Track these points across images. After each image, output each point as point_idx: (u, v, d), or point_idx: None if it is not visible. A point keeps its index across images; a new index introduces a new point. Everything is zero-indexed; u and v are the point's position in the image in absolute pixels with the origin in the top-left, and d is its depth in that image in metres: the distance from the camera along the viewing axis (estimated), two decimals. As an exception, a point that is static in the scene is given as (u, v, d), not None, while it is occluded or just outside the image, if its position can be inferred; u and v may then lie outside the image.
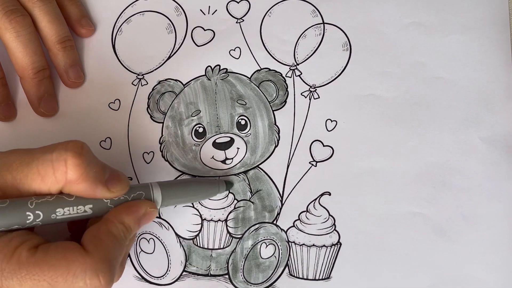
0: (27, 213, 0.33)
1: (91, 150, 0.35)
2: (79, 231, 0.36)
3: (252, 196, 0.42)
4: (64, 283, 0.32)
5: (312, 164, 0.43)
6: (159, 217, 0.42)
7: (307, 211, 0.42)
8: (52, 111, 0.44)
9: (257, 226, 0.42)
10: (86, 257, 0.32)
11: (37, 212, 0.33)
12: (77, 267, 0.32)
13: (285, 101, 0.44)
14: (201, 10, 0.47)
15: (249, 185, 0.42)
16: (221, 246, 0.42)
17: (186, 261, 0.41)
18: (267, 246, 0.41)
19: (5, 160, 0.34)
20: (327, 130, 0.43)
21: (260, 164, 0.43)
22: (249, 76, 0.45)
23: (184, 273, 0.41)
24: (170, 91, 0.45)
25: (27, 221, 0.33)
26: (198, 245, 0.42)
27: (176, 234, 0.42)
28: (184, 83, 0.45)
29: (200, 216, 0.42)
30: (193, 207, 0.42)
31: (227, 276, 0.41)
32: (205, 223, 0.42)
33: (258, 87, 0.45)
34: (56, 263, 0.32)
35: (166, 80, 0.45)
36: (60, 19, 0.45)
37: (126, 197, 0.36)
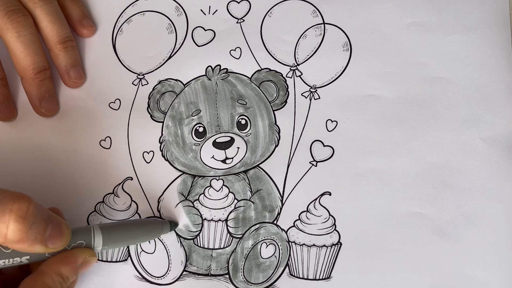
0: None
1: (39, 205, 0.34)
2: (28, 268, 0.37)
3: (252, 195, 0.42)
4: None
5: (313, 164, 0.43)
6: (160, 217, 0.42)
7: (307, 211, 0.42)
8: (53, 111, 0.44)
9: (257, 226, 0.42)
10: None
11: None
12: None
13: (286, 101, 0.44)
14: (201, 10, 0.47)
15: (249, 184, 0.42)
16: (222, 246, 0.42)
17: (186, 261, 0.41)
18: (267, 246, 0.41)
19: None
20: (328, 130, 0.43)
21: (260, 163, 0.43)
22: (250, 76, 0.45)
23: (185, 273, 0.41)
24: (171, 91, 0.45)
25: None
26: (199, 245, 0.42)
27: (176, 234, 0.42)
28: (184, 83, 0.45)
29: (201, 216, 0.42)
30: (193, 207, 0.42)
31: (227, 276, 0.41)
32: (205, 223, 0.42)
33: (259, 87, 0.45)
34: None
35: (166, 80, 0.45)
36: (61, 19, 0.45)
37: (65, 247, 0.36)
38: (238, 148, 0.43)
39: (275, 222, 0.42)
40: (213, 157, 0.43)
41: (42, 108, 0.44)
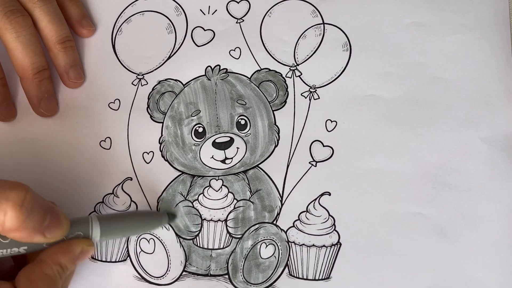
0: None
1: (37, 195, 0.34)
2: (23, 260, 0.37)
3: (252, 196, 0.42)
4: None
5: (312, 164, 0.43)
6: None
7: (307, 211, 0.42)
8: (52, 111, 0.44)
9: (257, 226, 0.42)
10: None
11: None
12: None
13: (285, 101, 0.44)
14: (201, 10, 0.47)
15: (248, 184, 0.42)
16: (221, 246, 0.42)
17: (186, 261, 0.41)
18: (267, 246, 0.41)
19: None
20: (327, 130, 0.43)
21: (260, 163, 0.43)
22: (249, 76, 0.45)
23: (184, 273, 0.41)
24: (170, 91, 0.45)
25: None
26: (198, 245, 0.42)
27: (176, 234, 0.42)
28: (184, 83, 0.45)
29: (200, 216, 0.42)
30: (193, 207, 0.42)
31: (227, 276, 0.41)
32: (205, 223, 0.42)
33: (258, 87, 0.45)
34: None
35: (166, 80, 0.45)
36: (61, 19, 0.45)
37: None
38: (237, 148, 0.43)
39: (274, 222, 0.42)
40: (212, 157, 0.43)
41: (41, 108, 0.44)
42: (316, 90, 0.44)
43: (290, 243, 0.41)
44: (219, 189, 0.42)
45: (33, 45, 0.43)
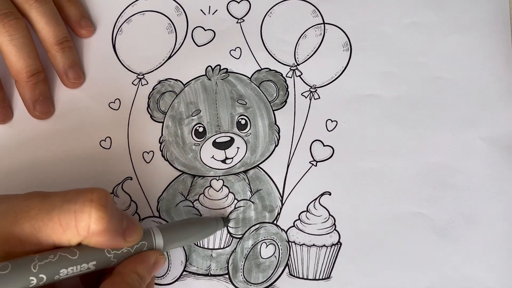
0: (30, 278, 0.31)
1: (112, 198, 0.34)
2: (92, 283, 0.36)
3: (252, 195, 0.42)
4: None
5: (312, 164, 0.43)
6: (159, 217, 0.42)
7: (307, 211, 0.42)
8: (47, 113, 0.44)
9: (257, 226, 0.42)
10: None
11: (40, 275, 0.32)
12: None
13: (286, 101, 0.44)
14: (201, 10, 0.47)
15: (249, 184, 0.42)
16: (221, 246, 0.42)
17: (186, 261, 0.41)
18: (267, 246, 0.41)
19: (23, 205, 0.33)
20: (328, 130, 0.43)
21: (260, 163, 0.43)
22: (250, 76, 0.45)
23: (184, 273, 0.41)
24: (170, 91, 0.45)
25: (30, 286, 0.31)
26: (198, 245, 0.42)
27: (176, 234, 0.42)
28: (184, 83, 0.45)
29: (200, 216, 0.42)
30: (193, 207, 0.42)
31: (227, 276, 0.41)
32: (205, 223, 0.42)
33: (259, 87, 0.45)
34: None
35: (166, 80, 0.45)
36: (58, 20, 0.45)
37: (129, 249, 0.35)
38: (238, 148, 0.43)
39: (275, 222, 0.42)
40: (213, 157, 0.43)
41: (36, 111, 0.44)
42: (316, 90, 0.44)
43: (290, 243, 0.41)
44: (220, 189, 0.42)
45: (27, 48, 0.43)
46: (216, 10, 0.47)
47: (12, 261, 0.31)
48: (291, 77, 0.45)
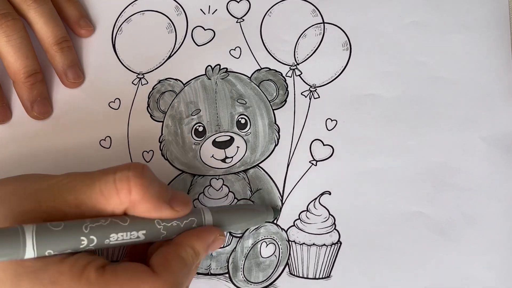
0: (81, 237, 0.32)
1: (152, 171, 0.35)
2: (136, 255, 0.36)
3: (252, 195, 0.42)
4: None
5: (312, 163, 0.43)
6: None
7: (307, 210, 0.42)
8: (45, 114, 0.44)
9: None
10: (156, 279, 0.32)
11: (91, 237, 0.32)
12: None
13: (285, 101, 0.44)
14: (201, 9, 0.47)
15: (249, 184, 0.42)
16: (222, 245, 0.41)
17: (186, 261, 0.41)
18: (267, 245, 0.41)
19: (66, 182, 0.34)
20: (327, 129, 0.43)
21: (260, 163, 0.43)
22: (249, 76, 0.45)
23: (184, 272, 0.41)
24: (170, 90, 0.45)
25: (81, 246, 0.32)
26: (198, 244, 0.42)
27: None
28: (184, 83, 0.45)
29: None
30: (194, 206, 0.42)
31: (227, 275, 0.41)
32: (205, 222, 0.42)
33: (258, 87, 0.45)
34: (126, 284, 0.32)
35: (166, 79, 0.45)
36: (56, 20, 0.45)
37: (178, 223, 0.35)
38: (237, 147, 0.43)
39: (275, 221, 0.42)
40: (212, 156, 0.43)
41: (34, 112, 0.44)
42: (316, 89, 0.44)
43: (290, 242, 0.41)
44: (220, 188, 0.42)
45: (25, 48, 0.43)
46: (216, 10, 0.47)
47: (66, 222, 0.32)
48: (290, 77, 0.45)
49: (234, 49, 0.46)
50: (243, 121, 0.44)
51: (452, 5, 0.45)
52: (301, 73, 0.45)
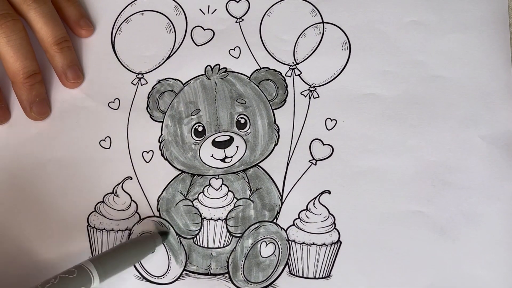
0: None
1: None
2: None
3: (251, 194, 0.42)
4: None
5: (312, 163, 0.43)
6: (159, 217, 0.42)
7: (307, 209, 0.42)
8: (43, 115, 0.44)
9: (257, 225, 0.42)
10: None
11: None
12: None
13: (285, 100, 0.44)
14: (200, 9, 0.47)
15: (248, 183, 0.42)
16: (221, 245, 0.42)
17: (186, 260, 0.41)
18: (267, 245, 0.41)
19: None
20: (327, 129, 0.43)
21: (259, 162, 0.43)
22: (249, 75, 0.45)
23: (184, 272, 0.41)
24: (170, 90, 0.45)
25: None
26: (198, 244, 0.42)
27: (176, 233, 0.42)
28: (183, 82, 0.45)
29: (200, 215, 0.42)
30: (193, 206, 0.42)
31: (227, 275, 0.41)
32: (205, 222, 0.42)
33: (258, 86, 0.45)
34: None
35: (165, 79, 0.45)
36: (56, 20, 0.45)
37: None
38: (237, 147, 0.43)
39: (274, 221, 0.42)
40: (212, 156, 0.43)
41: (32, 112, 0.44)
42: (315, 88, 0.44)
43: (290, 241, 0.41)
44: (219, 188, 0.43)
45: (24, 49, 0.43)
46: (215, 10, 0.47)
47: None
48: (290, 76, 0.45)
49: (234, 49, 0.46)
50: (242, 121, 0.44)
51: (451, 5, 0.45)
52: (301, 73, 0.45)
